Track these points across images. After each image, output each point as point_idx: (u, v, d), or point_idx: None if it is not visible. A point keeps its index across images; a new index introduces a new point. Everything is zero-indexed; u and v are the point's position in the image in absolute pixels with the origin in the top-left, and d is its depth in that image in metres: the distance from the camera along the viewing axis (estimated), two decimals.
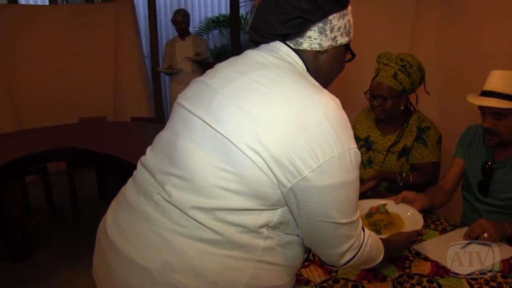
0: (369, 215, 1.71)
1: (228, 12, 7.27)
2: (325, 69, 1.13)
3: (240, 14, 5.31)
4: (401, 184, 2.14)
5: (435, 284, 1.42)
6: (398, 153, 2.25)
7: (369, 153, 2.35)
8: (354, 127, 2.44)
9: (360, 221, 1.07)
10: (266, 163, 0.92)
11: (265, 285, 1.02)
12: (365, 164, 2.36)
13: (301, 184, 0.93)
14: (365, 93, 2.26)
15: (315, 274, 1.48)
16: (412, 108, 2.31)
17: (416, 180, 2.15)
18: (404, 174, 2.16)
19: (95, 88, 5.08)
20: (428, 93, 2.29)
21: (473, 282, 1.42)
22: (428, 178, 2.20)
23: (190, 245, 0.96)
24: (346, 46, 1.16)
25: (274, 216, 0.99)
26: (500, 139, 1.79)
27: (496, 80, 1.75)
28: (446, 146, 2.52)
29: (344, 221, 0.99)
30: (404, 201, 1.82)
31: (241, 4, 4.94)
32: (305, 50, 1.09)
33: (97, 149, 3.15)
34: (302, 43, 1.08)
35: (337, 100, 0.99)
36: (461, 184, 2.08)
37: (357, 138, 2.41)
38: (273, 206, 0.99)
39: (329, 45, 1.09)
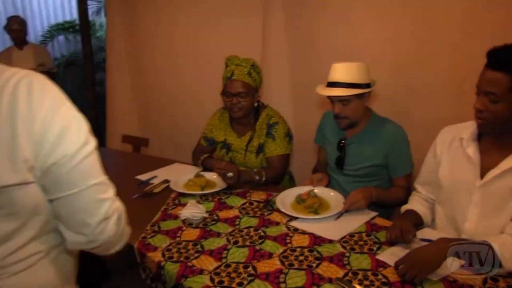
0: (300, 201, 1.94)
1: (73, 17, 6.91)
2: None
3: (90, 18, 5.05)
4: (257, 178, 2.21)
5: (315, 252, 1.57)
6: (255, 152, 2.40)
7: (229, 154, 2.47)
8: (210, 131, 2.54)
9: (111, 184, 1.06)
10: (30, 184, 0.93)
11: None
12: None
13: (52, 171, 0.94)
14: (222, 94, 2.34)
15: (207, 263, 1.53)
16: (261, 103, 2.44)
17: (268, 175, 2.25)
18: (258, 172, 2.23)
19: None
20: (258, 96, 2.43)
21: (345, 244, 1.62)
22: (278, 171, 2.34)
23: (17, 279, 0.99)
24: None
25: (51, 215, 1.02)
26: (348, 121, 2.07)
27: (338, 72, 2.01)
28: (303, 134, 2.77)
29: (93, 182, 0.99)
30: (319, 183, 2.10)
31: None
32: None
33: None
34: None
35: (29, 71, 0.95)
36: None
37: (215, 141, 2.52)
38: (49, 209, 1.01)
39: None
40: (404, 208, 1.87)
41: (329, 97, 2.05)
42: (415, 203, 1.86)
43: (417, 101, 2.50)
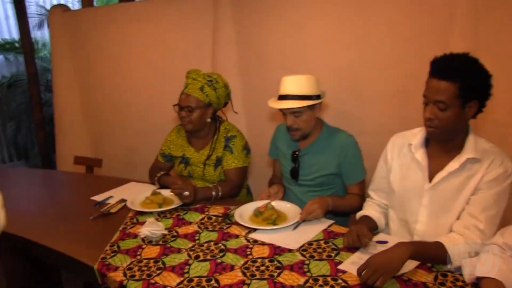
0: (258, 214, 1.97)
1: (12, 35, 6.67)
2: None
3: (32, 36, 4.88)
4: (214, 193, 2.23)
5: (275, 262, 1.61)
6: (214, 165, 2.42)
7: (188, 168, 2.48)
8: (168, 147, 2.54)
9: None
10: None
11: None
12: (187, 176, 2.49)
13: None
14: (174, 105, 2.37)
15: (169, 279, 1.53)
16: (218, 118, 2.48)
17: (225, 189, 2.29)
18: (214, 188, 2.25)
19: None
20: (236, 112, 2.50)
21: (304, 252, 1.67)
22: (235, 184, 2.37)
23: None
24: None
25: None
26: (301, 132, 2.14)
27: (289, 85, 2.08)
28: (257, 147, 2.81)
29: None
30: (275, 196, 2.17)
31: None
32: None
33: None
34: None
35: None
36: None
37: (173, 157, 2.53)
38: None
39: None
40: (359, 214, 1.95)
41: (281, 110, 2.11)
42: (369, 209, 1.94)
43: (366, 110, 2.62)
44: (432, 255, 1.53)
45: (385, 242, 1.64)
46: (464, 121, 1.62)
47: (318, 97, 2.09)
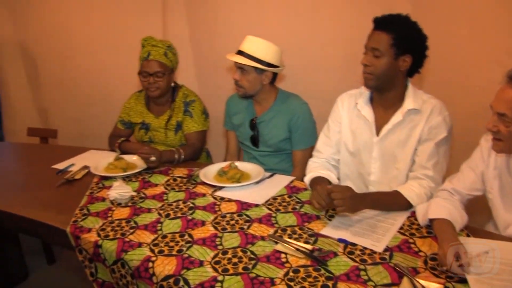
0: (222, 174, 2.05)
1: None
2: None
3: None
4: (176, 157, 2.29)
5: (244, 216, 1.71)
6: (174, 129, 2.47)
7: (148, 134, 2.52)
8: (127, 114, 2.56)
9: None
10: None
11: None
12: (148, 142, 2.54)
13: None
14: (139, 74, 2.38)
15: (144, 236, 1.58)
16: (177, 84, 2.53)
17: (187, 152, 2.35)
18: (176, 151, 2.31)
19: None
20: None
21: (270, 206, 1.78)
22: (196, 147, 2.45)
23: None
24: None
25: None
26: (244, 91, 2.22)
27: (248, 43, 2.18)
28: (209, 111, 2.85)
29: None
30: None
31: None
32: None
33: None
34: None
35: None
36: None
37: (133, 123, 2.56)
38: None
39: None
40: (307, 178, 1.96)
41: (235, 64, 2.19)
42: (317, 170, 1.97)
43: (317, 76, 2.75)
44: (389, 202, 1.69)
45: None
46: (398, 73, 1.77)
47: (270, 65, 2.16)
